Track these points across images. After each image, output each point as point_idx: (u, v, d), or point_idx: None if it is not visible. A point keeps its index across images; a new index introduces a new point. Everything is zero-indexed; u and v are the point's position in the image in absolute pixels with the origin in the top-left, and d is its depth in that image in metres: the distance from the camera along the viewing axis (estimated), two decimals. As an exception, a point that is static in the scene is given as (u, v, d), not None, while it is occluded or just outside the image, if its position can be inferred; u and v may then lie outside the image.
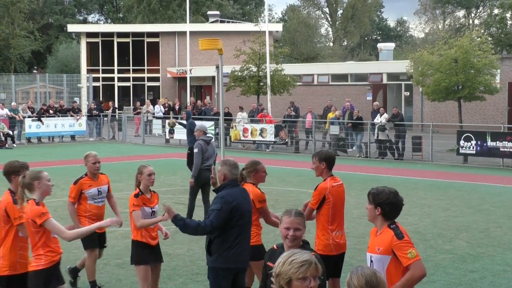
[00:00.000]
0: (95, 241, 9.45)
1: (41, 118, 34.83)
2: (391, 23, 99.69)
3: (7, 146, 32.05)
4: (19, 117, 34.48)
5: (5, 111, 34.34)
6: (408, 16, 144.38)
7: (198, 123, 17.76)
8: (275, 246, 5.60)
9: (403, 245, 5.67)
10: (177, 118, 35.57)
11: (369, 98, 43.55)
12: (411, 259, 5.63)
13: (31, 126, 34.76)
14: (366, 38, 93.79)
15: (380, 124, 28.22)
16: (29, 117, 34.90)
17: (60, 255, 7.04)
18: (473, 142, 25.34)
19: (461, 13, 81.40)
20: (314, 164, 8.06)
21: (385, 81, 44.53)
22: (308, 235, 6.33)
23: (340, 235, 7.98)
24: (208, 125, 32.46)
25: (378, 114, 29.39)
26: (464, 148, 25.64)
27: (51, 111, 35.78)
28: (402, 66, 35.98)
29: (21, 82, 48.11)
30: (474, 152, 25.46)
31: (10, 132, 33.14)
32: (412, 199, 17.51)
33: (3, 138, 32.41)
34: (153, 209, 8.30)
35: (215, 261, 7.21)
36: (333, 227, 7.90)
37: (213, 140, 16.01)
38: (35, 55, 78.29)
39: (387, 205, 5.87)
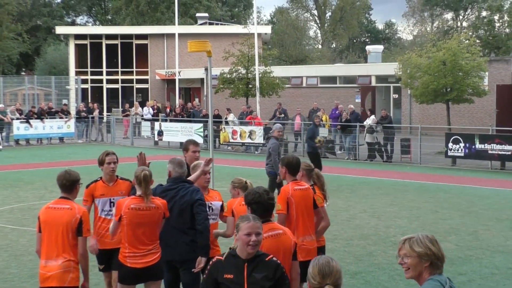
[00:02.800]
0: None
1: (30, 120, 34.69)
2: (380, 26, 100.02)
3: (-5, 148, 31.91)
4: (7, 119, 34.34)
5: (-6, 113, 34.26)
6: (396, 18, 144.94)
7: (276, 125, 18.08)
8: (220, 258, 5.32)
9: None
10: (166, 120, 35.52)
11: (358, 100, 43.63)
12: None
13: (19, 128, 34.60)
14: (354, 41, 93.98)
15: (369, 126, 28.26)
16: (17, 119, 34.74)
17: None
18: (462, 144, 25.42)
19: (449, 15, 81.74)
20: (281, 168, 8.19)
21: (373, 83, 44.63)
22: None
23: (310, 241, 7.83)
24: (197, 127, 32.50)
25: (368, 117, 29.48)
26: (452, 151, 25.72)
27: (45, 115, 35.51)
28: (390, 68, 36.08)
29: (9, 84, 47.84)
30: (462, 154, 25.54)
31: (-3, 134, 32.99)
32: (401, 201, 17.55)
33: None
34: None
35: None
36: (299, 233, 7.73)
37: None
38: (23, 57, 77.98)
39: (255, 204, 6.08)
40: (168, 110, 39.88)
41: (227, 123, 33.20)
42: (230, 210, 7.73)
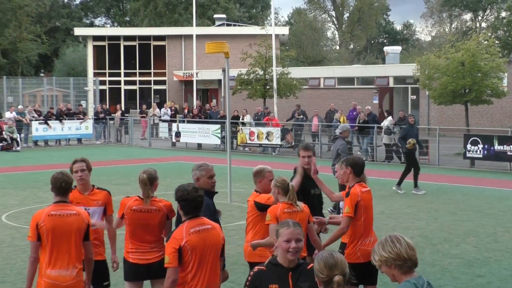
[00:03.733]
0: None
1: (48, 121, 34.89)
2: (398, 26, 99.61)
3: (14, 149, 32.10)
4: (26, 120, 34.57)
5: (13, 114, 34.47)
6: (414, 19, 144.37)
7: (342, 124, 18.08)
8: (262, 267, 5.10)
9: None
10: (183, 121, 35.59)
11: (376, 101, 43.50)
12: None
13: (38, 129, 34.82)
14: (372, 42, 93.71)
15: (386, 127, 28.16)
16: (36, 120, 34.95)
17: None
18: (480, 146, 25.27)
19: (468, 16, 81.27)
20: (341, 169, 7.96)
21: (391, 84, 44.48)
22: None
23: (368, 242, 7.75)
24: (214, 128, 32.54)
25: (385, 118, 29.41)
26: (471, 152, 25.57)
27: (64, 116, 35.67)
28: (408, 69, 35.92)
29: (28, 85, 48.14)
30: (481, 156, 25.39)
31: (17, 136, 33.16)
32: (419, 203, 17.47)
33: (10, 141, 32.46)
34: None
35: None
36: (364, 234, 7.71)
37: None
38: (42, 59, 78.45)
39: (183, 201, 6.01)
40: (186, 111, 39.97)
41: (243, 124, 33.20)
42: (275, 217, 7.12)
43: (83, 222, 6.62)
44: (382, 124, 28.95)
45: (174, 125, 34.65)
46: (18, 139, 33.11)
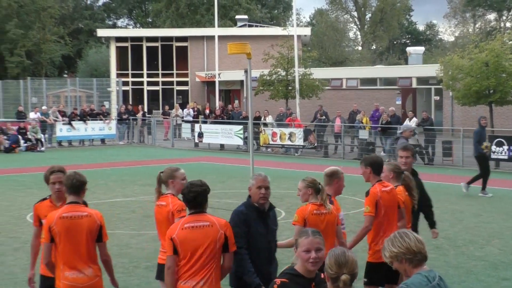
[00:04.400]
0: None
1: (72, 122, 35.13)
2: (421, 27, 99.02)
3: (38, 149, 32.36)
4: (50, 120, 34.84)
5: (37, 115, 34.76)
6: (437, 19, 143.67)
7: (404, 124, 18.11)
8: (284, 279, 4.91)
9: None
10: (206, 122, 35.65)
11: (398, 102, 43.30)
12: None
13: (62, 130, 35.07)
14: (395, 42, 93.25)
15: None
16: (60, 120, 35.16)
17: None
18: (505, 147, 25.05)
19: (492, 16, 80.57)
20: (361, 169, 7.99)
21: (414, 85, 44.24)
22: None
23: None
24: (237, 129, 32.57)
25: (408, 119, 29.24)
26: (496, 153, 25.35)
27: (87, 117, 35.86)
28: (431, 70, 35.71)
29: (51, 86, 48.53)
30: (506, 157, 25.16)
31: (41, 136, 33.43)
32: (443, 204, 17.34)
33: (34, 142, 32.72)
34: None
35: None
36: (385, 234, 7.62)
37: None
38: (66, 60, 79.05)
39: (182, 196, 6.31)
40: (207, 111, 40.06)
41: (265, 125, 33.19)
42: (302, 219, 6.95)
43: (95, 223, 6.62)
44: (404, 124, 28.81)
45: (196, 126, 34.73)
46: (42, 140, 33.37)
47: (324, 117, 33.35)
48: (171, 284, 6.08)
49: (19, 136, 32.33)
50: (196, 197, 6.14)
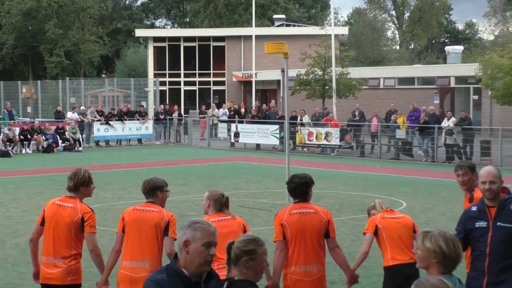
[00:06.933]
0: None
1: (109, 122, 35.43)
2: (460, 26, 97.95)
3: (76, 149, 32.71)
4: (88, 120, 35.18)
5: (75, 115, 35.12)
6: (477, 18, 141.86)
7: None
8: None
9: None
10: (242, 122, 35.70)
11: (436, 101, 42.91)
12: None
13: (99, 130, 35.40)
14: (433, 41, 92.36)
15: (448, 128, 27.76)
16: (97, 120, 35.51)
17: None
18: (545, 147, 24.66)
19: (532, 14, 79.41)
20: (465, 176, 7.37)
21: (452, 84, 43.80)
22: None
23: None
24: (273, 128, 32.56)
25: (446, 118, 28.95)
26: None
27: (124, 117, 36.12)
28: (470, 69, 35.33)
29: (90, 86, 49.01)
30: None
31: (79, 136, 33.78)
32: (481, 205, 17.10)
33: (72, 141, 33.08)
34: None
35: None
36: None
37: None
38: (104, 60, 79.81)
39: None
40: (242, 110, 40.09)
41: (302, 124, 33.13)
42: (373, 226, 7.40)
43: (163, 218, 6.97)
44: (443, 124, 28.54)
45: (233, 126, 34.79)
46: (80, 139, 33.74)
47: (357, 117, 33.18)
48: (280, 268, 6.54)
49: (57, 136, 32.73)
50: (296, 188, 6.88)
